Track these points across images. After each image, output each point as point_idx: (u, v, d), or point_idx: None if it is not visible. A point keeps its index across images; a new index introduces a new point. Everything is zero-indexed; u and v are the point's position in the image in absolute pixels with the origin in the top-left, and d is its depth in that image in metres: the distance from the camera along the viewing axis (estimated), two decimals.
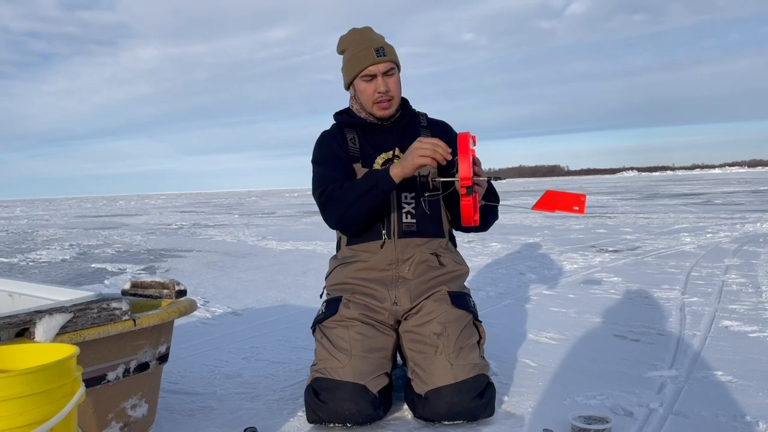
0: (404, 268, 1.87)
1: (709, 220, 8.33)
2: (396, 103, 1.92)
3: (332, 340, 1.74)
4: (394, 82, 1.89)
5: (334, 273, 1.95)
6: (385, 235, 1.87)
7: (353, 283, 1.88)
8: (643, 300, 3.33)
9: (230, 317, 3.21)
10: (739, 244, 5.57)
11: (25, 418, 0.88)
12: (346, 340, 1.73)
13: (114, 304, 1.38)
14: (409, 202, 1.90)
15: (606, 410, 1.75)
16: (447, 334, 1.71)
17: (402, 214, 1.88)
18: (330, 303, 1.86)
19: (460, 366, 1.65)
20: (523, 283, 3.99)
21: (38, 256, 6.76)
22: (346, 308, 1.81)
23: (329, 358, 1.70)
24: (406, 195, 1.89)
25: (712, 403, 1.80)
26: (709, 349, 2.36)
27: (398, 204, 1.88)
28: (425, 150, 1.65)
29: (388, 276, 1.87)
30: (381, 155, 1.92)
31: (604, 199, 16.25)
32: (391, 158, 1.92)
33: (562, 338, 2.59)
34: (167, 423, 1.76)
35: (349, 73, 1.92)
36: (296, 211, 16.30)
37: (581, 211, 1.63)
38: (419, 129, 1.98)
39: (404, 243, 1.88)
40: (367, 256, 1.89)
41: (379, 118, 1.93)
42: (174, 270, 5.29)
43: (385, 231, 1.87)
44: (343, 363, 1.67)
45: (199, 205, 24.78)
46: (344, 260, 1.94)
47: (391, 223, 1.88)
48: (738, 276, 3.97)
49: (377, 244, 1.88)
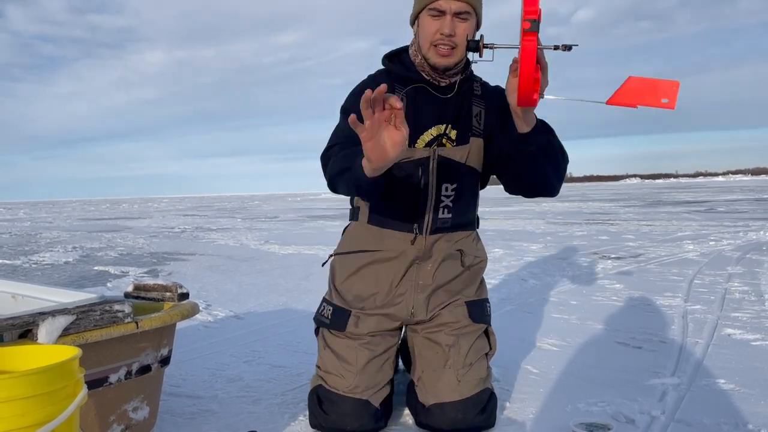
0: (425, 268, 1.71)
1: (712, 228, 8.30)
2: (459, 55, 1.58)
3: (337, 352, 1.69)
4: (463, 29, 1.55)
5: (346, 265, 1.76)
6: (416, 230, 1.68)
7: (367, 297, 1.73)
8: (646, 307, 3.32)
9: (232, 321, 3.21)
10: (742, 252, 5.55)
11: (28, 420, 0.88)
12: (352, 353, 1.67)
13: (116, 306, 1.39)
14: (449, 194, 1.68)
15: (608, 417, 1.75)
16: (458, 346, 1.68)
17: (439, 209, 1.68)
18: (338, 314, 1.73)
19: (467, 382, 1.64)
20: (525, 289, 3.98)
21: (41, 258, 6.77)
22: (356, 326, 1.70)
23: (333, 372, 1.66)
24: (447, 187, 1.67)
25: (714, 411, 1.79)
26: (711, 357, 2.35)
27: (437, 197, 1.66)
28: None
29: (409, 283, 1.72)
30: (429, 130, 1.64)
31: (607, 206, 16.23)
32: (441, 134, 1.65)
33: (564, 345, 2.59)
34: (168, 426, 1.77)
35: (417, 3, 1.61)
36: (299, 215, 16.31)
37: (671, 105, 1.26)
38: (473, 101, 1.70)
39: (433, 239, 1.70)
40: (391, 244, 1.69)
41: (432, 67, 1.61)
42: (176, 273, 5.29)
43: (417, 226, 1.68)
44: (347, 380, 1.63)
45: (202, 209, 24.81)
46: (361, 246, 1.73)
47: (425, 219, 1.67)
48: (741, 284, 3.96)
49: (406, 239, 1.69)
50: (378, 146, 1.22)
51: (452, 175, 1.66)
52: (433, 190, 1.66)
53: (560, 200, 21.38)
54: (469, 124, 1.68)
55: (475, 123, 1.69)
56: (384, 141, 1.22)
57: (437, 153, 1.65)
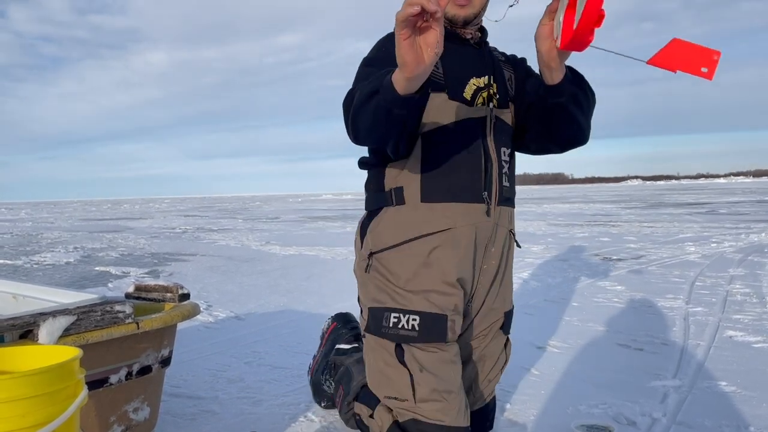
0: (490, 251, 1.45)
1: (714, 230, 8.30)
2: (477, 5, 1.42)
3: (433, 371, 1.37)
4: None
5: (408, 258, 1.40)
6: (487, 198, 1.40)
7: (451, 291, 1.40)
8: (647, 309, 3.32)
9: (233, 322, 3.21)
10: (743, 254, 5.55)
11: (28, 420, 0.88)
12: (448, 370, 1.39)
13: (117, 306, 1.39)
14: (507, 160, 1.47)
15: (609, 419, 1.75)
16: (483, 361, 1.55)
17: (502, 176, 1.44)
18: (431, 321, 1.37)
19: (478, 401, 1.56)
20: (525, 290, 3.98)
21: (42, 258, 6.78)
22: (453, 333, 1.39)
23: (433, 399, 1.35)
24: (504, 151, 1.46)
25: (716, 413, 1.79)
26: (712, 359, 2.34)
27: (498, 161, 1.43)
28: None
29: (470, 274, 1.43)
30: (473, 79, 1.43)
31: (608, 208, 16.21)
32: (485, 86, 1.43)
33: (566, 346, 2.58)
34: (169, 426, 1.76)
35: None
36: (300, 216, 16.31)
37: (710, 76, 1.20)
38: (502, 66, 1.52)
39: (499, 213, 1.44)
40: (464, 218, 1.39)
41: (452, 21, 1.42)
42: (177, 274, 5.30)
43: (486, 193, 1.41)
44: (452, 404, 1.36)
45: (203, 210, 24.82)
46: (422, 230, 1.39)
47: (493, 183, 1.41)
48: (742, 286, 3.95)
49: (479, 210, 1.40)
50: (413, 47, 1.04)
51: (507, 139, 1.48)
52: (493, 150, 1.43)
53: (561, 201, 21.37)
54: (505, 87, 1.50)
55: (508, 87, 1.51)
56: (419, 43, 1.04)
57: (494, 112, 1.44)
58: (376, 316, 1.42)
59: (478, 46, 1.47)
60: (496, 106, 1.45)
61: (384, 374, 1.41)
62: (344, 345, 1.87)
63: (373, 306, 1.44)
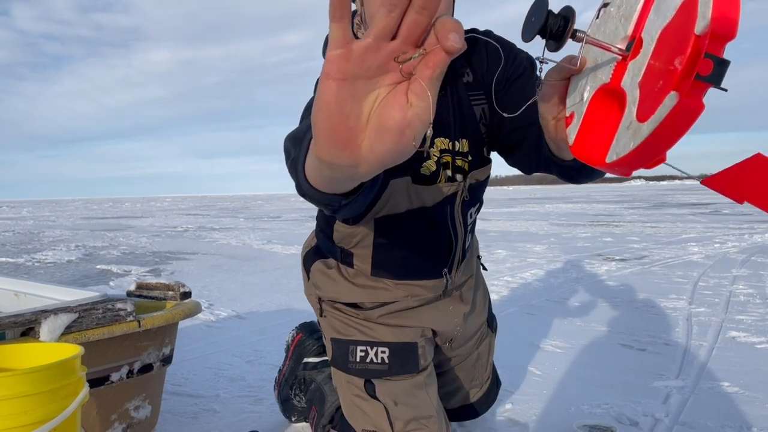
0: (457, 302, 1.42)
1: (717, 230, 8.28)
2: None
3: (410, 402, 1.29)
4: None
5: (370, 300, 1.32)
6: (446, 274, 1.32)
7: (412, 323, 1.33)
8: (650, 309, 3.31)
9: (234, 320, 3.21)
10: (747, 255, 5.53)
11: (29, 417, 0.88)
12: (424, 394, 1.30)
13: (119, 304, 1.39)
14: (474, 217, 1.34)
15: (611, 419, 1.74)
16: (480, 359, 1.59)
17: (466, 238, 1.33)
18: (400, 352, 1.29)
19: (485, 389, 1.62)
20: (528, 290, 3.97)
21: (44, 256, 6.78)
22: (424, 359, 1.31)
23: (416, 428, 1.27)
24: (472, 212, 1.31)
25: (718, 414, 1.78)
26: (715, 360, 2.34)
27: (464, 229, 1.30)
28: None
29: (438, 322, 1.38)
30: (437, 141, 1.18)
31: (611, 208, 16.20)
32: (450, 151, 1.19)
33: (568, 347, 2.58)
34: (170, 425, 1.76)
35: None
36: (301, 215, 16.32)
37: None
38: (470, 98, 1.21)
39: (461, 271, 1.38)
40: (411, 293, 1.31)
41: None
42: (179, 272, 5.30)
43: (446, 269, 1.31)
44: (434, 429, 1.28)
45: (204, 209, 24.84)
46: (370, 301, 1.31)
47: (456, 257, 1.31)
48: (746, 287, 3.94)
49: (437, 285, 1.33)
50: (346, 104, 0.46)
51: (476, 197, 1.31)
52: (461, 226, 1.29)
53: (564, 201, 21.35)
54: (477, 132, 1.23)
55: (482, 128, 1.24)
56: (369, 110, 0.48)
57: (467, 185, 1.24)
58: (341, 348, 1.33)
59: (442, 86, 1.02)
60: (468, 171, 1.22)
61: (359, 407, 1.32)
62: (312, 359, 1.75)
63: (336, 337, 1.34)
